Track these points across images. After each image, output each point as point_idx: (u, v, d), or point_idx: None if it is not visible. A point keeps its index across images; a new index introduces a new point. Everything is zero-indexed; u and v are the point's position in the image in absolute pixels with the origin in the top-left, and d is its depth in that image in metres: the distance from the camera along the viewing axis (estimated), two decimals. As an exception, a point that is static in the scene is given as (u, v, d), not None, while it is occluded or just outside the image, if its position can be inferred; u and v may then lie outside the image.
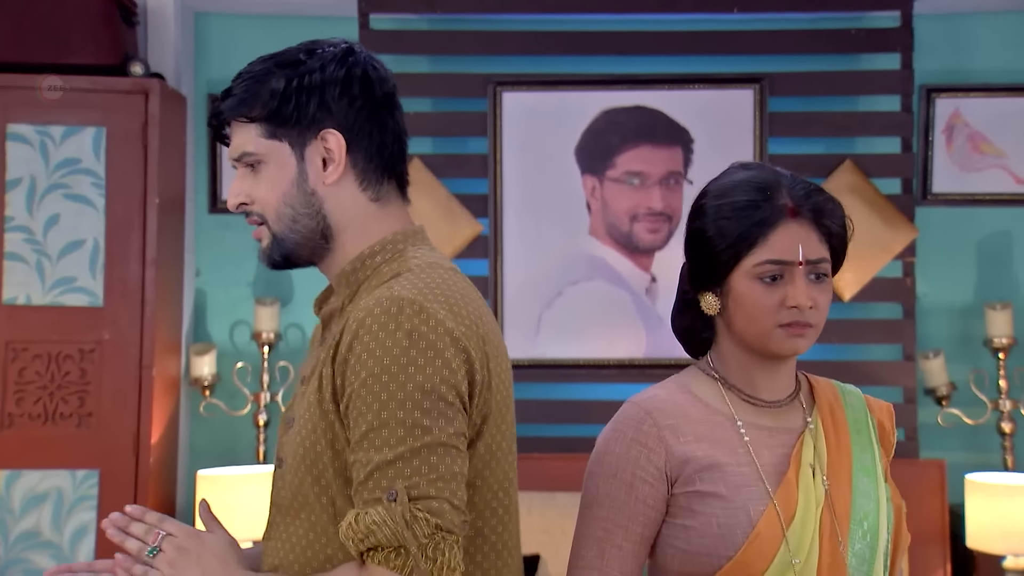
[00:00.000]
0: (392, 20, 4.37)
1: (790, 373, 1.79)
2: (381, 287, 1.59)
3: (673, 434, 1.72)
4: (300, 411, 1.63)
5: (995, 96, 4.38)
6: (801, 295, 1.68)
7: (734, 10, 4.22)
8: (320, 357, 1.61)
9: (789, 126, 4.22)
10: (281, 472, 1.65)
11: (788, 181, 1.73)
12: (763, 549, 1.65)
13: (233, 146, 1.68)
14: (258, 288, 4.48)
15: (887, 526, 1.73)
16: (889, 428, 1.83)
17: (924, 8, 4.24)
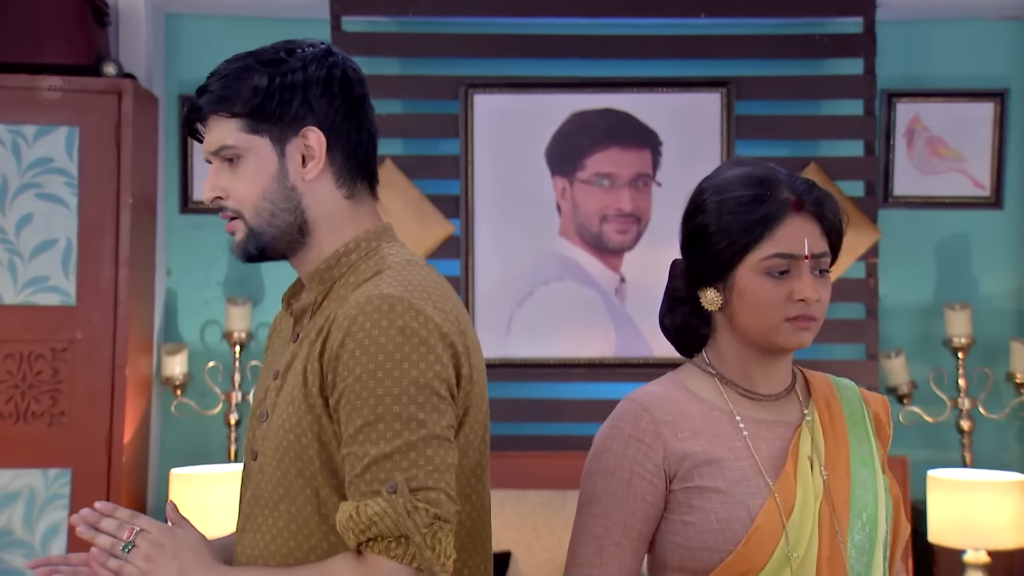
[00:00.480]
0: (364, 22, 4.41)
1: (787, 367, 1.81)
2: (366, 284, 1.63)
3: (671, 430, 1.73)
4: (281, 405, 1.66)
5: (953, 101, 4.48)
6: (808, 288, 1.70)
7: (702, 15, 4.29)
8: (302, 352, 1.66)
9: (755, 129, 4.30)
10: (259, 465, 1.68)
11: (785, 176, 1.76)
12: (763, 543, 1.66)
13: (210, 140, 1.70)
14: (229, 288, 4.50)
15: (886, 517, 1.75)
16: (885, 420, 1.85)
17: (886, 15, 4.33)
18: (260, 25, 4.50)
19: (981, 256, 4.48)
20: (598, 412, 1.92)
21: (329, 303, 1.68)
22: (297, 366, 1.66)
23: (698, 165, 4.20)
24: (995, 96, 4.47)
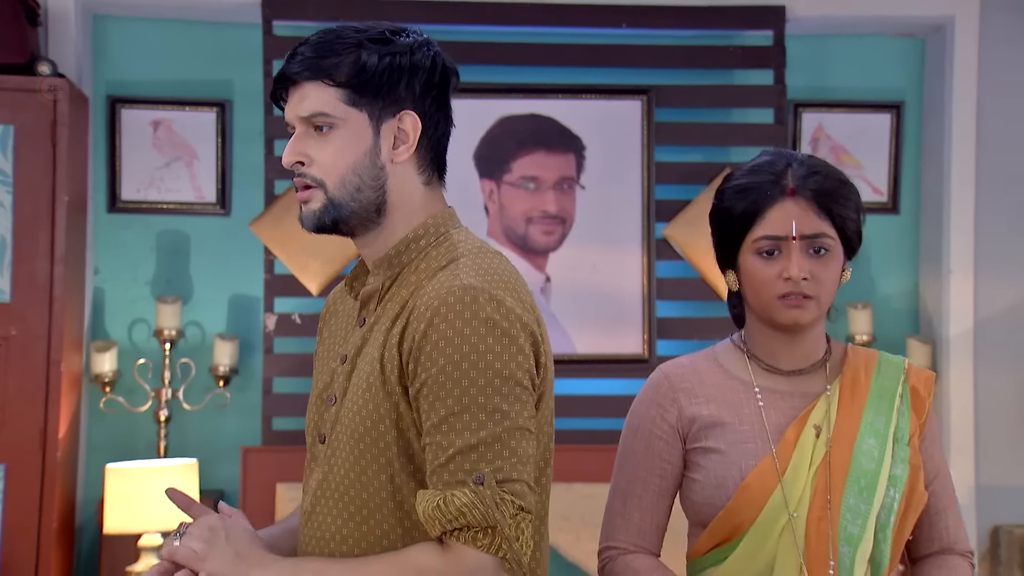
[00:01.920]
0: (295, 27, 4.50)
1: (814, 344, 1.92)
2: (443, 273, 1.65)
3: (686, 396, 1.92)
4: (354, 391, 1.67)
5: (854, 112, 4.74)
6: (794, 267, 1.82)
7: (623, 25, 4.48)
8: (375, 339, 1.67)
9: (674, 135, 4.50)
10: (329, 449, 1.69)
11: (797, 164, 1.87)
12: (752, 499, 1.83)
13: (303, 105, 1.67)
14: (157, 287, 4.55)
15: (892, 486, 1.84)
16: (924, 394, 1.92)
17: (794, 29, 4.57)
18: (189, 28, 4.57)
19: (880, 258, 4.75)
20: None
21: (399, 289, 1.69)
22: (371, 352, 1.66)
23: (620, 169, 4.42)
24: (892, 108, 4.74)
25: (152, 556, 3.88)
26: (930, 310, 4.70)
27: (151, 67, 4.57)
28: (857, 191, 1.92)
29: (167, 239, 4.58)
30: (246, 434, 4.44)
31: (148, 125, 4.56)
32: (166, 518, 3.84)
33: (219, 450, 4.45)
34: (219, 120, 4.56)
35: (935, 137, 4.69)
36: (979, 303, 4.59)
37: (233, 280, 4.57)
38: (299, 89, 1.68)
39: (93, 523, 4.31)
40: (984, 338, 4.57)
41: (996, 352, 4.58)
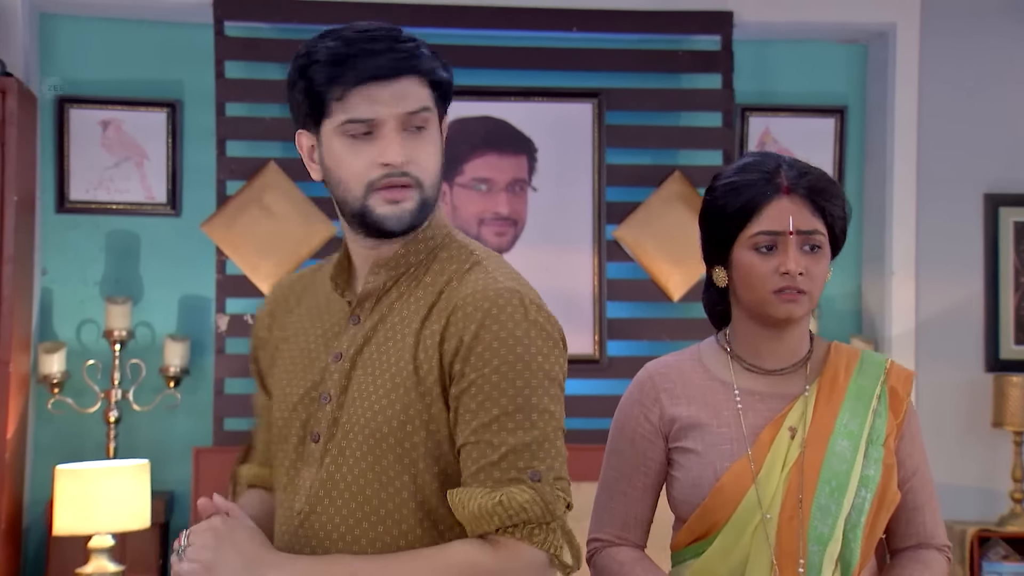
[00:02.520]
0: (246, 28, 4.50)
1: (798, 342, 1.98)
2: (473, 274, 1.67)
3: (669, 396, 1.98)
4: (363, 389, 1.66)
5: (799, 116, 4.82)
6: (791, 262, 1.88)
7: (574, 29, 4.53)
8: (395, 339, 1.66)
9: (624, 138, 4.55)
10: (327, 448, 1.67)
11: (787, 164, 1.94)
12: (725, 500, 1.88)
13: (410, 100, 1.65)
14: (106, 287, 4.52)
15: (863, 487, 1.88)
16: (902, 394, 1.97)
17: (740, 34, 4.64)
18: (139, 27, 4.55)
19: (825, 260, 4.83)
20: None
21: (410, 288, 1.69)
22: (390, 352, 1.65)
23: (571, 171, 4.47)
24: (836, 112, 4.83)
25: (103, 558, 3.85)
26: (873, 310, 4.79)
27: (100, 67, 4.54)
28: (843, 192, 1.98)
29: (116, 240, 4.56)
30: (197, 435, 4.43)
31: (97, 125, 4.53)
32: (117, 519, 3.83)
33: (170, 451, 4.43)
34: (169, 120, 4.55)
35: (877, 141, 4.79)
36: (920, 303, 4.70)
37: (183, 281, 4.56)
38: (392, 85, 1.64)
39: (41, 525, 4.27)
40: (925, 338, 4.67)
41: (937, 351, 4.68)
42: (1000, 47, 4.73)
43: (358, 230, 1.71)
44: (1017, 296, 4.73)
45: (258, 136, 4.43)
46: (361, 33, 1.67)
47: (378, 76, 1.63)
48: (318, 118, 1.68)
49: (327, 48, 1.67)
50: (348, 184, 1.67)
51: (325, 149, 1.69)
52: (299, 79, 1.70)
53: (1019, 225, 4.74)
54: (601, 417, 4.39)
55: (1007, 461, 4.55)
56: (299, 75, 1.70)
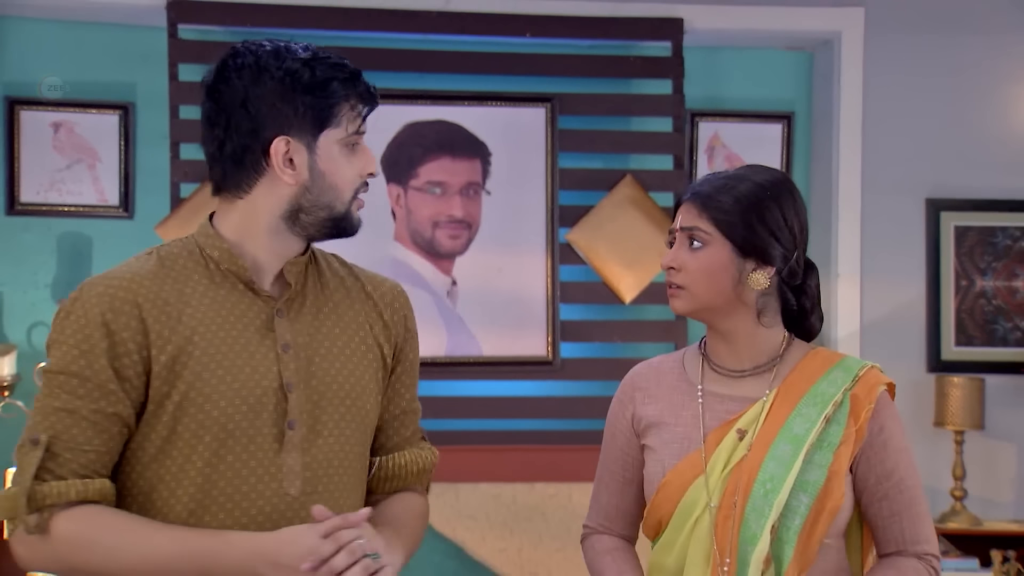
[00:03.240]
0: (200, 31, 4.50)
1: (748, 345, 2.02)
2: (363, 271, 1.97)
3: (641, 395, 2.08)
4: (330, 376, 1.82)
5: (747, 122, 4.91)
6: (666, 256, 2.02)
7: (527, 34, 4.57)
8: (340, 328, 1.85)
9: (577, 142, 4.60)
10: (311, 434, 1.78)
11: (705, 177, 2.06)
12: (669, 496, 1.98)
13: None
14: (58, 290, 4.50)
15: (801, 491, 1.92)
16: (864, 402, 1.97)
17: (691, 41, 4.71)
18: (92, 29, 4.53)
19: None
20: (429, 410, 2.14)
21: (318, 285, 1.87)
22: (339, 339, 1.84)
23: (525, 175, 4.52)
24: (783, 118, 4.93)
25: (56, 561, 3.84)
26: (819, 313, 4.88)
27: (52, 68, 4.51)
28: (774, 209, 1.99)
29: (68, 242, 4.54)
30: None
31: (48, 127, 4.52)
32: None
33: (122, 454, 4.41)
34: (122, 123, 4.54)
35: (823, 147, 4.89)
36: (865, 306, 4.79)
37: (136, 283, 4.54)
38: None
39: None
40: (870, 339, 4.77)
41: (881, 353, 4.77)
42: (942, 56, 4.84)
43: (313, 235, 1.83)
44: (958, 299, 4.84)
45: (212, 139, 4.43)
46: (338, 57, 1.82)
47: (375, 99, 1.85)
48: (322, 126, 1.77)
49: (333, 67, 1.79)
50: (340, 190, 1.80)
51: (323, 157, 1.78)
52: (307, 92, 1.76)
53: (960, 229, 4.86)
54: (554, 418, 4.46)
55: (948, 460, 4.66)
56: (307, 89, 1.77)
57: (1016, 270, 4.84)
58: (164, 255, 1.82)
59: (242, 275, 1.81)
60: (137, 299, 1.74)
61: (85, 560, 1.70)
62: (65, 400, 1.70)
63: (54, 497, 1.68)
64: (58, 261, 4.53)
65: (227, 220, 1.83)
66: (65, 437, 1.70)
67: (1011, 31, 4.82)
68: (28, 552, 1.73)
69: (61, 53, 4.54)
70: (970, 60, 4.84)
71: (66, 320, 1.73)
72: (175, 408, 1.74)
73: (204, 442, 1.74)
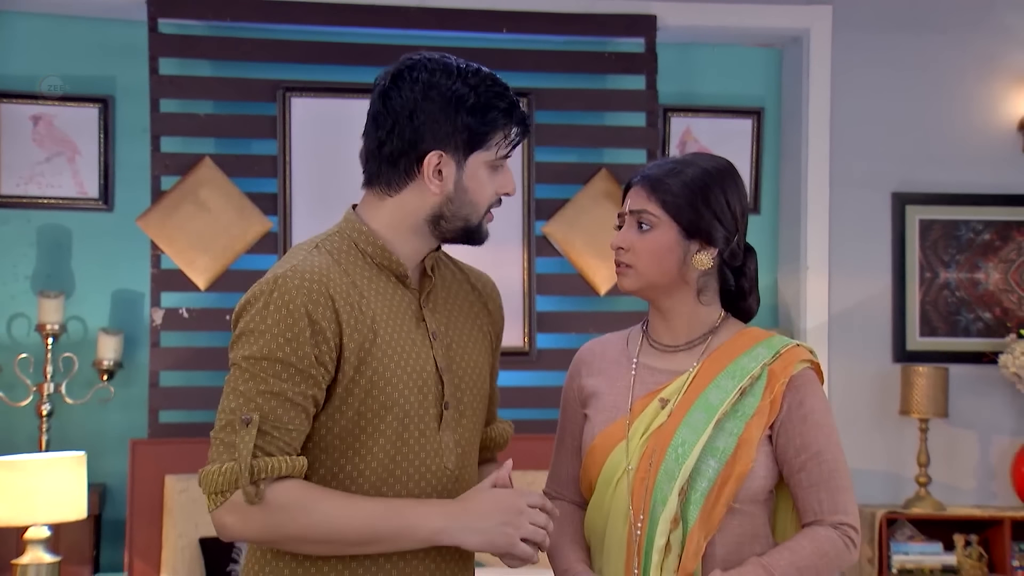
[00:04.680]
0: (180, 25, 4.54)
1: (685, 321, 2.13)
2: (463, 263, 2.13)
3: (585, 368, 2.21)
4: (466, 361, 2.01)
5: (719, 117, 5.01)
6: (615, 238, 2.13)
7: (503, 30, 4.65)
8: (464, 318, 2.04)
9: (553, 136, 4.68)
10: (457, 414, 1.98)
11: (653, 162, 2.16)
12: (595, 460, 2.11)
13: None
14: (38, 282, 4.54)
15: (711, 456, 2.03)
16: (780, 377, 2.07)
17: (664, 37, 4.80)
18: (72, 23, 4.57)
19: (743, 255, 5.01)
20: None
21: (443, 276, 2.05)
22: (468, 330, 2.03)
23: (501, 169, 4.58)
24: (753, 113, 5.03)
25: (39, 549, 3.88)
26: (788, 304, 4.99)
27: (32, 62, 4.56)
28: (717, 192, 2.10)
29: (48, 234, 4.57)
30: (131, 428, 4.47)
31: (28, 119, 4.55)
32: (53, 510, 3.85)
33: (103, 444, 4.46)
34: (102, 116, 4.58)
35: (792, 142, 4.99)
36: (833, 298, 4.90)
37: (116, 275, 4.59)
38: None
39: (-27, 518, 4.27)
40: (838, 330, 4.88)
41: (849, 343, 4.89)
42: (908, 53, 4.95)
43: (444, 240, 1.99)
44: (923, 290, 4.96)
45: (192, 132, 4.48)
46: (504, 86, 1.98)
47: (528, 131, 2.01)
48: (474, 148, 1.93)
49: (495, 95, 1.95)
50: (478, 206, 1.96)
51: (469, 175, 1.94)
52: (468, 114, 1.91)
53: (925, 223, 4.97)
54: (531, 407, 4.53)
55: (913, 447, 4.77)
56: (469, 111, 1.91)
57: (979, 262, 4.96)
58: (331, 249, 1.94)
59: (396, 270, 1.96)
60: (329, 291, 1.87)
61: (301, 526, 1.83)
62: (272, 384, 1.83)
63: (269, 471, 1.81)
64: (38, 254, 4.57)
65: (376, 215, 1.97)
66: (272, 418, 1.83)
67: (974, 29, 4.94)
68: (240, 522, 1.83)
69: (41, 47, 4.57)
70: (935, 57, 4.95)
71: (266, 310, 1.85)
72: (363, 392, 1.88)
73: (386, 421, 1.90)
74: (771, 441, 2.08)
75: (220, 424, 1.84)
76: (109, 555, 4.43)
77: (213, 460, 1.84)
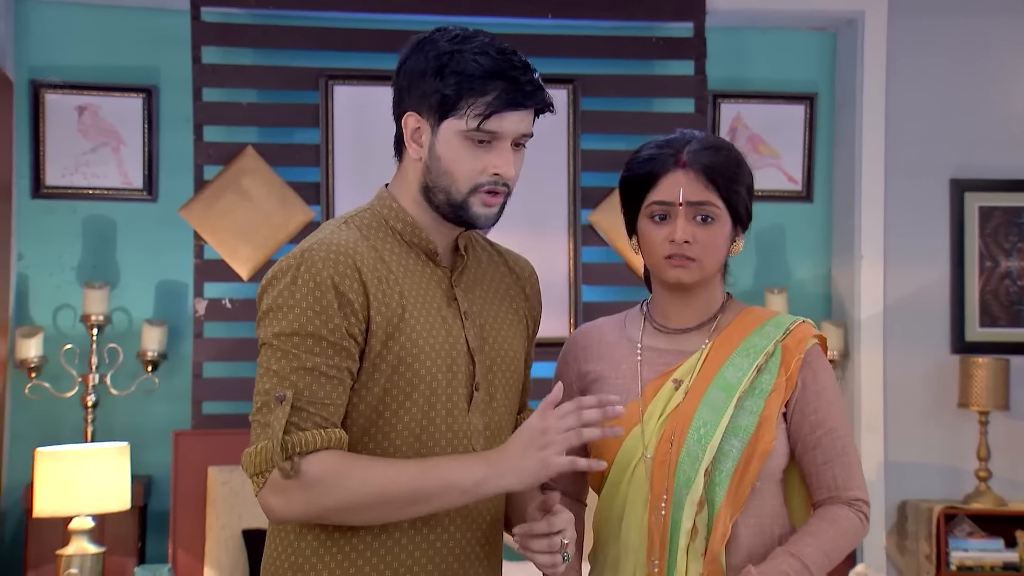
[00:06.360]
0: (223, 13, 4.51)
1: (704, 303, 2.08)
2: (500, 247, 2.07)
3: (583, 353, 2.14)
4: (498, 343, 1.94)
5: (770, 103, 4.90)
6: (678, 230, 2.00)
7: (548, 15, 4.58)
8: (499, 300, 1.98)
9: (598, 124, 4.60)
10: (488, 396, 1.92)
11: (696, 141, 2.04)
12: (608, 445, 2.03)
13: (528, 124, 1.91)
14: (83, 273, 4.53)
15: (733, 436, 1.98)
16: (794, 352, 2.04)
17: (713, 21, 4.70)
18: (115, 13, 4.56)
19: (795, 245, 4.92)
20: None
21: (475, 258, 1.98)
22: (503, 312, 1.97)
23: (546, 156, 4.52)
24: (806, 99, 4.91)
25: (83, 539, 3.87)
26: (842, 294, 4.87)
27: (76, 52, 4.55)
28: (749, 172, 2.08)
29: (93, 225, 4.57)
30: (175, 419, 4.45)
31: (73, 110, 4.54)
32: (97, 501, 3.84)
33: (147, 435, 4.45)
34: (146, 106, 4.56)
35: (846, 128, 4.87)
36: (888, 288, 4.78)
37: (160, 266, 4.58)
38: (522, 111, 1.90)
39: (18, 508, 4.28)
40: (893, 321, 4.76)
41: (904, 334, 4.77)
42: (965, 35, 4.82)
43: (443, 216, 1.89)
44: (982, 279, 4.82)
45: (235, 121, 4.46)
46: (503, 55, 1.87)
47: (517, 105, 1.86)
48: (445, 115, 1.85)
49: (476, 61, 1.84)
50: (456, 179, 1.86)
51: (441, 142, 1.86)
52: (439, 76, 1.84)
53: (984, 210, 4.84)
54: (576, 399, 4.46)
55: (972, 440, 4.64)
56: (439, 73, 1.84)
57: (1041, 251, 4.82)
58: (359, 225, 1.91)
59: (426, 247, 1.92)
60: (357, 263, 1.83)
61: (341, 496, 1.78)
62: (304, 359, 1.78)
63: (302, 445, 1.77)
64: (83, 244, 4.56)
65: (401, 191, 1.94)
66: (307, 393, 1.78)
67: (1036, 10, 4.80)
68: (283, 500, 1.79)
69: (85, 37, 4.57)
70: (993, 39, 4.82)
71: (294, 285, 1.80)
72: (390, 368, 1.83)
73: (412, 399, 1.85)
74: (785, 419, 2.05)
75: (256, 406, 1.81)
76: (154, 546, 4.42)
77: (252, 443, 1.81)
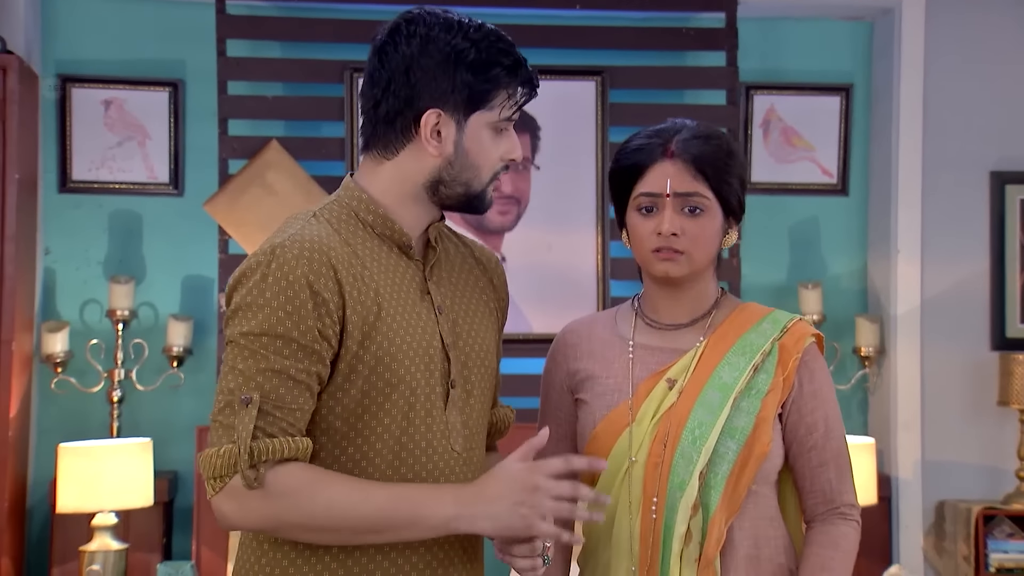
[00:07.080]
0: (248, 6, 4.48)
1: (696, 299, 2.03)
2: (467, 238, 2.02)
3: (572, 351, 2.08)
4: (472, 338, 1.88)
5: (804, 95, 4.80)
6: (665, 222, 1.94)
7: (577, 6, 4.50)
8: (471, 292, 1.93)
9: (628, 116, 4.51)
10: (464, 393, 1.87)
11: (686, 131, 1.99)
12: (600, 446, 1.98)
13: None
14: (110, 267, 4.52)
15: (729, 437, 1.94)
16: (792, 351, 2.00)
17: (745, 12, 4.61)
18: (141, 6, 4.53)
19: (830, 239, 4.82)
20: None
21: (446, 250, 1.94)
22: (472, 302, 1.92)
23: (574, 150, 4.46)
24: (841, 90, 4.81)
25: (106, 535, 3.86)
26: (878, 289, 4.77)
27: (102, 45, 4.53)
28: (742, 162, 2.04)
29: (119, 219, 4.55)
30: (200, 415, 4.42)
31: (99, 104, 4.52)
32: (120, 497, 3.83)
33: (172, 431, 4.43)
34: (172, 100, 4.54)
35: (883, 120, 4.77)
36: (926, 283, 4.68)
37: (187, 261, 4.55)
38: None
39: (44, 503, 4.28)
40: (930, 317, 4.66)
41: (942, 330, 4.66)
42: (1005, 25, 4.71)
43: (446, 207, 1.87)
44: (1023, 275, 4.71)
45: (260, 115, 4.42)
46: (505, 40, 1.85)
47: (535, 88, 1.86)
48: (475, 107, 1.81)
49: (503, 51, 1.82)
50: (481, 170, 1.84)
51: (470, 136, 1.82)
52: (466, 70, 1.79)
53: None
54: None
55: (1013, 439, 4.53)
56: (466, 67, 1.79)
57: (1084, 245, 4.71)
58: (329, 218, 1.83)
59: (399, 240, 1.85)
60: (331, 260, 1.75)
61: (304, 514, 1.70)
62: (272, 361, 1.70)
63: (270, 454, 1.69)
64: (109, 239, 4.54)
65: (375, 181, 1.85)
66: (274, 397, 1.70)
67: (1079, -2, 4.67)
68: (239, 509, 1.70)
69: (111, 30, 4.55)
70: (1035, 28, 4.70)
71: (264, 283, 1.72)
72: (368, 369, 1.76)
73: (392, 400, 1.78)
74: (780, 420, 2.00)
75: (219, 406, 1.72)
76: (180, 542, 4.40)
77: (212, 443, 1.72)
